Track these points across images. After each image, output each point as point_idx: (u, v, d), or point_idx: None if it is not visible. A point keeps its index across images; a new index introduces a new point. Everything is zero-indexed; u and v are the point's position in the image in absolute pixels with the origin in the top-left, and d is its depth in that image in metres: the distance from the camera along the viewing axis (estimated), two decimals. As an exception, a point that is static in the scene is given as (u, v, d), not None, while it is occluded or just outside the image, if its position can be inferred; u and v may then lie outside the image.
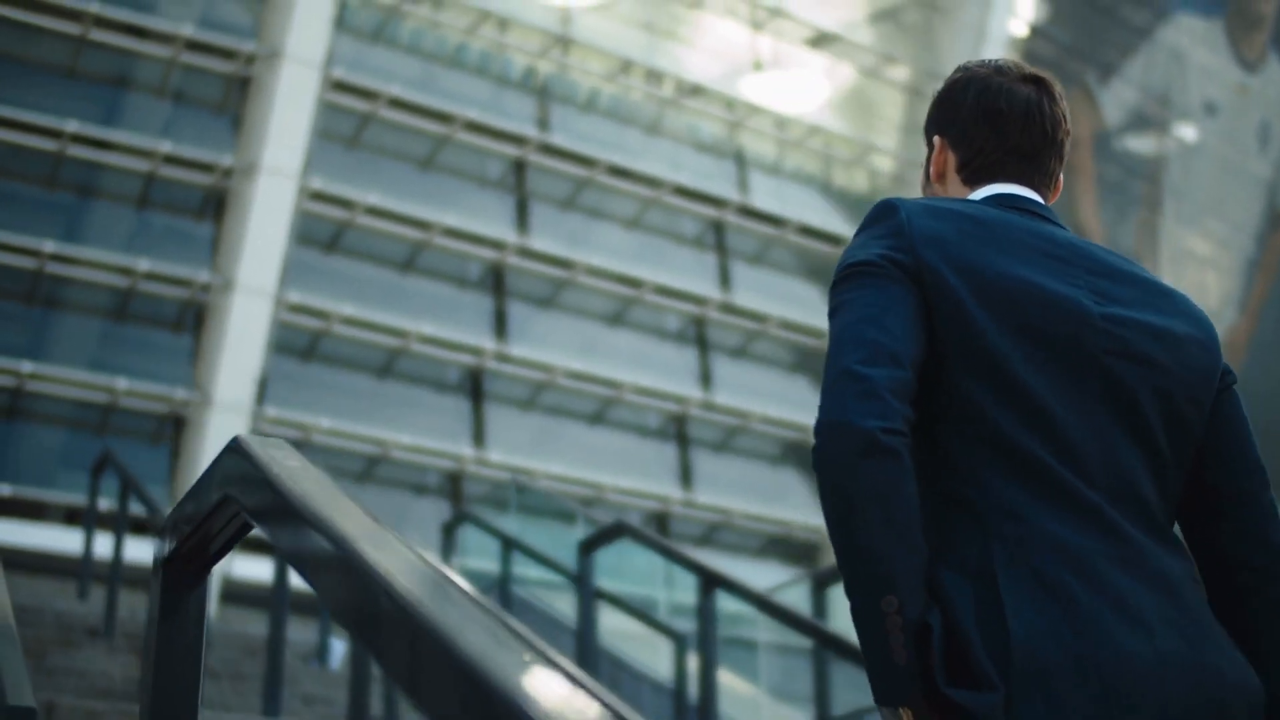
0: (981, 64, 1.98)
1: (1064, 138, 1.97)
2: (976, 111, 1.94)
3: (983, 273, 1.74)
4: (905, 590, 1.59)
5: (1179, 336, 1.80)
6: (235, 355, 16.48)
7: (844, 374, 1.65)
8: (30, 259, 16.07)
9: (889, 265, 1.73)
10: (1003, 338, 1.71)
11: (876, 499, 1.60)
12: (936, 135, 1.99)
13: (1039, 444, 1.69)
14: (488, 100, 18.73)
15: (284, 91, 16.80)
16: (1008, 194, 1.90)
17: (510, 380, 18.44)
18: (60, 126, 16.16)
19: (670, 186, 19.46)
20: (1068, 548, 1.65)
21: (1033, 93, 1.95)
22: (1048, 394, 1.71)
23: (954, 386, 1.71)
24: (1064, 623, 1.60)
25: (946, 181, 1.97)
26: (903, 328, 1.70)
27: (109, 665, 7.96)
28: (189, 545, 1.59)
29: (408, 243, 18.02)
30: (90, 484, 9.52)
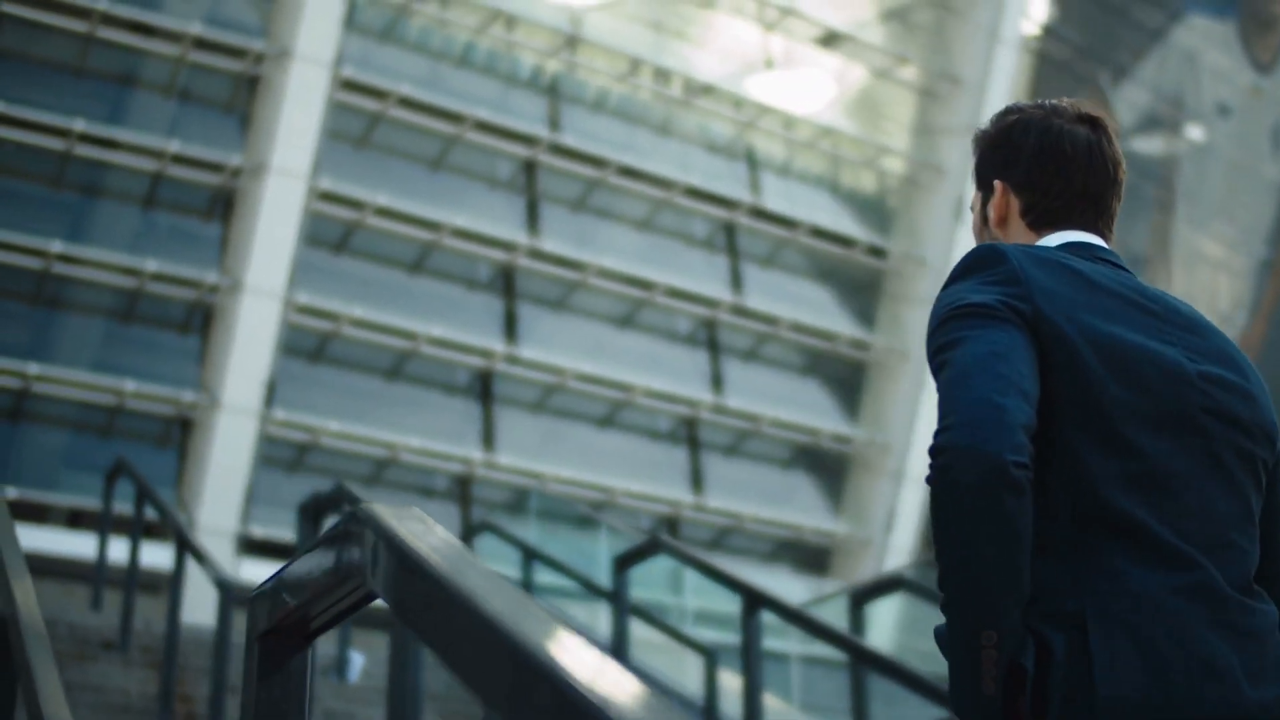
0: (1036, 105, 2.01)
1: (1123, 178, 2.00)
2: (1039, 155, 1.94)
3: (1098, 331, 1.75)
4: (1006, 628, 1.60)
5: (1254, 395, 1.83)
6: (243, 357, 16.31)
7: (982, 401, 1.62)
8: (36, 259, 15.91)
9: (1008, 311, 1.73)
10: (1117, 394, 1.72)
11: (998, 533, 1.59)
12: (996, 179, 1.99)
13: (1140, 502, 1.70)
14: (497, 100, 18.57)
15: (293, 91, 16.63)
16: (1084, 242, 1.91)
17: (520, 383, 18.28)
18: (67, 125, 15.99)
19: (681, 188, 19.30)
20: (1162, 606, 1.65)
21: (1091, 133, 1.97)
22: (1154, 452, 1.72)
23: (1061, 437, 1.71)
24: (1155, 688, 1.61)
25: (1009, 227, 1.98)
26: (1029, 369, 1.69)
27: (125, 680, 7.79)
28: (293, 617, 1.42)
29: (417, 244, 17.85)
30: (104, 491, 9.35)
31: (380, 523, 1.23)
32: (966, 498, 1.59)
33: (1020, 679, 1.62)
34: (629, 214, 19.48)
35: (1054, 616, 1.66)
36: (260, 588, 1.48)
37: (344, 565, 1.30)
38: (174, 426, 16.60)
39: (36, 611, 3.28)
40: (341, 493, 5.76)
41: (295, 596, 1.39)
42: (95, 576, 9.52)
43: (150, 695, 7.43)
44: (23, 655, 3.02)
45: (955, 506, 1.60)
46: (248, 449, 16.31)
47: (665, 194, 19.32)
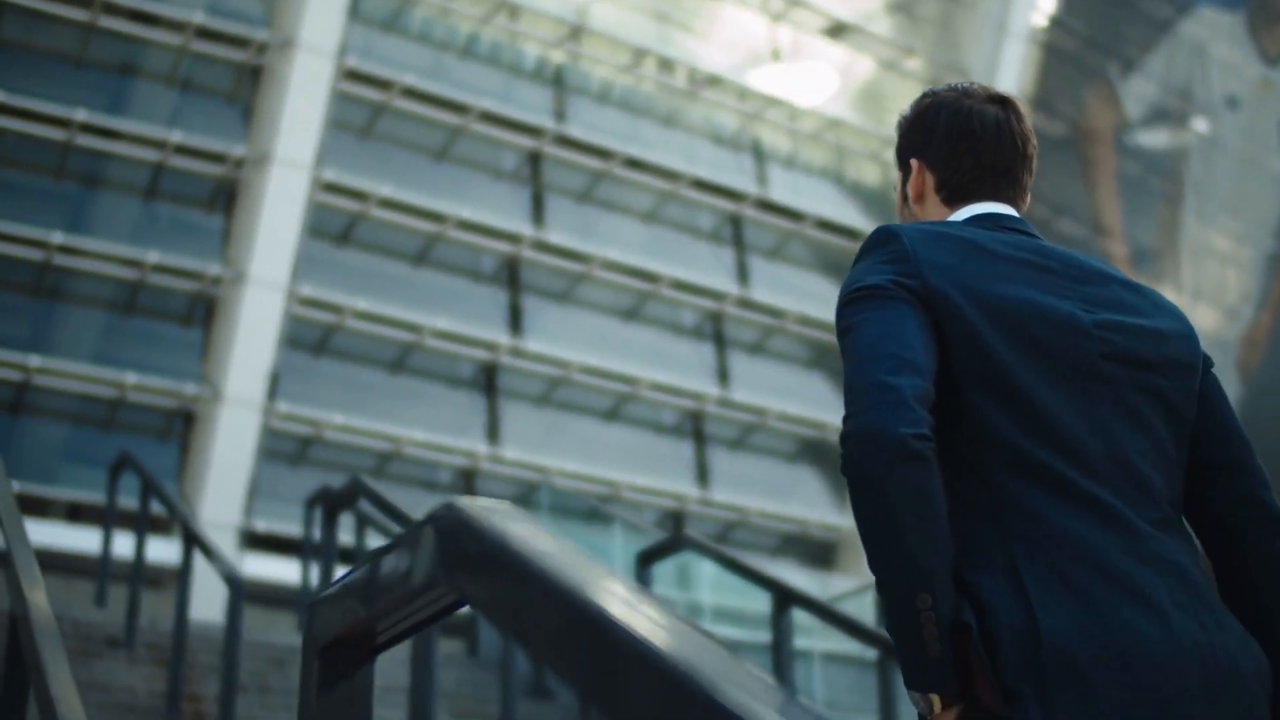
0: (948, 88, 2.13)
1: (1032, 152, 2.11)
2: (950, 133, 2.06)
3: (987, 294, 1.85)
4: (938, 589, 1.69)
5: (1164, 333, 1.94)
6: (246, 349, 16.15)
7: (873, 384, 1.73)
8: (37, 250, 15.74)
9: (899, 289, 1.83)
10: (1010, 354, 1.83)
11: (911, 503, 1.69)
12: (913, 159, 2.10)
13: (1049, 450, 1.81)
14: (502, 91, 18.41)
15: (297, 81, 16.46)
16: (990, 213, 2.02)
17: (525, 376, 18.13)
18: (68, 115, 15.82)
19: (687, 179, 19.14)
20: (1084, 544, 1.75)
21: (1000, 112, 2.09)
22: (1053, 403, 1.83)
23: (967, 402, 1.82)
24: (1087, 616, 1.70)
25: (925, 203, 2.10)
26: (920, 343, 1.79)
27: (131, 678, 7.65)
28: (361, 628, 1.27)
29: (421, 235, 17.70)
30: (108, 485, 9.20)
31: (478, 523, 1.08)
32: (875, 477, 1.69)
33: (965, 635, 1.71)
34: (634, 206, 19.32)
35: (985, 568, 1.76)
36: (322, 594, 1.32)
37: (427, 571, 1.14)
38: (176, 419, 16.45)
39: (48, 610, 3.14)
40: (358, 487, 5.61)
41: (364, 604, 1.23)
42: (99, 572, 9.36)
43: (157, 694, 7.28)
44: (34, 654, 2.88)
45: (867, 488, 1.70)
46: (250, 442, 16.15)
47: (671, 186, 19.17)
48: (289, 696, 7.86)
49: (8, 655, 3.24)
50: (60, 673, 2.80)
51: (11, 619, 3.21)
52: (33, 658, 2.93)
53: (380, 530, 8.39)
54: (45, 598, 3.17)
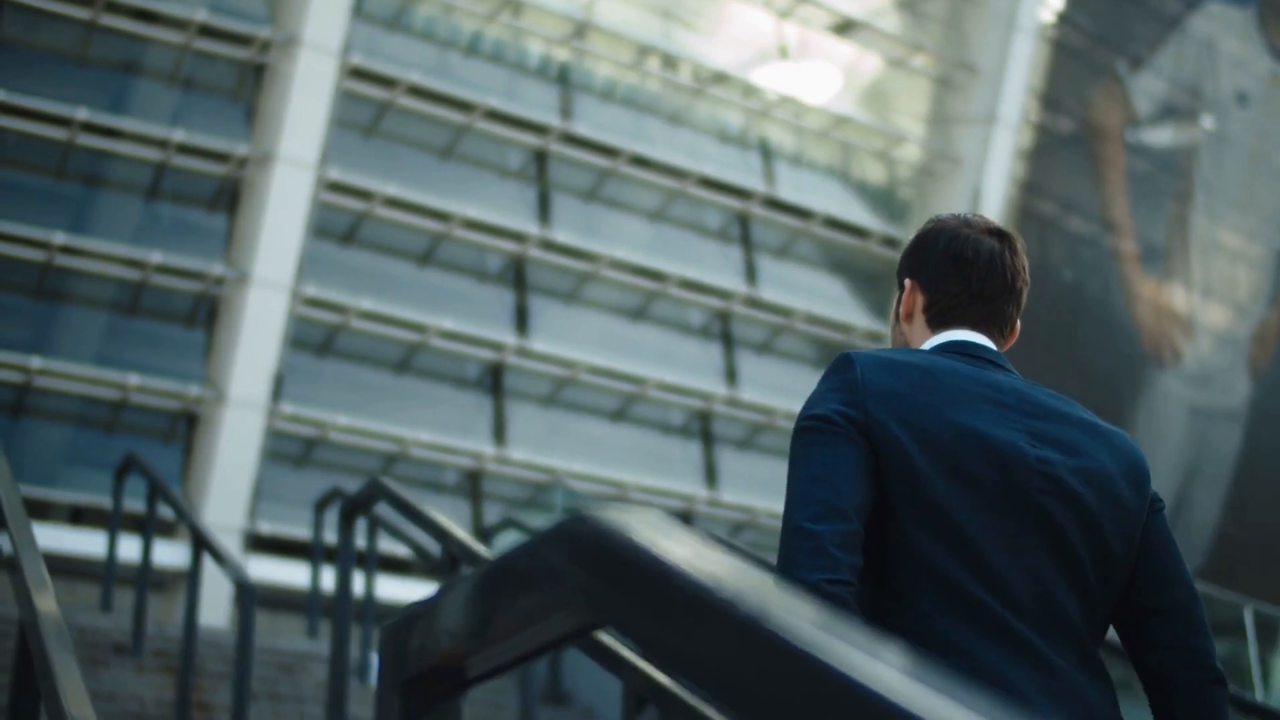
0: (953, 216, 2.22)
1: (1022, 286, 2.19)
2: (945, 259, 2.15)
3: (928, 424, 1.93)
4: None
5: (1110, 475, 2.00)
6: (250, 350, 15.98)
7: (795, 531, 1.83)
8: (38, 251, 15.57)
9: (842, 421, 1.92)
10: (944, 485, 1.89)
11: None
12: (908, 278, 2.21)
13: (977, 584, 1.87)
14: (508, 89, 18.23)
15: (301, 79, 16.28)
16: (963, 341, 2.12)
17: (531, 376, 17.95)
18: (69, 114, 15.65)
19: (695, 177, 18.96)
20: (1004, 681, 1.81)
21: (996, 244, 2.17)
22: (985, 538, 1.89)
23: (901, 532, 1.88)
24: None
25: (914, 322, 2.20)
26: (850, 483, 1.86)
27: (139, 686, 7.47)
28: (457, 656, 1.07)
29: (427, 235, 17.52)
30: (114, 487, 9.03)
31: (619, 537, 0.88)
32: None
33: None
34: (641, 204, 19.14)
35: None
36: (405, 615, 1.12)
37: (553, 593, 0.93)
38: (179, 421, 16.27)
39: (59, 617, 2.96)
40: (377, 489, 5.42)
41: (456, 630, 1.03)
42: (103, 576, 9.19)
43: (166, 702, 7.11)
44: (45, 663, 2.70)
45: None
46: (255, 444, 15.97)
47: (679, 184, 18.99)
48: (300, 704, 7.68)
49: (17, 663, 3.07)
50: (73, 683, 2.62)
51: (20, 626, 3.03)
52: (43, 666, 2.75)
53: (394, 534, 8.21)
54: (55, 604, 3.00)
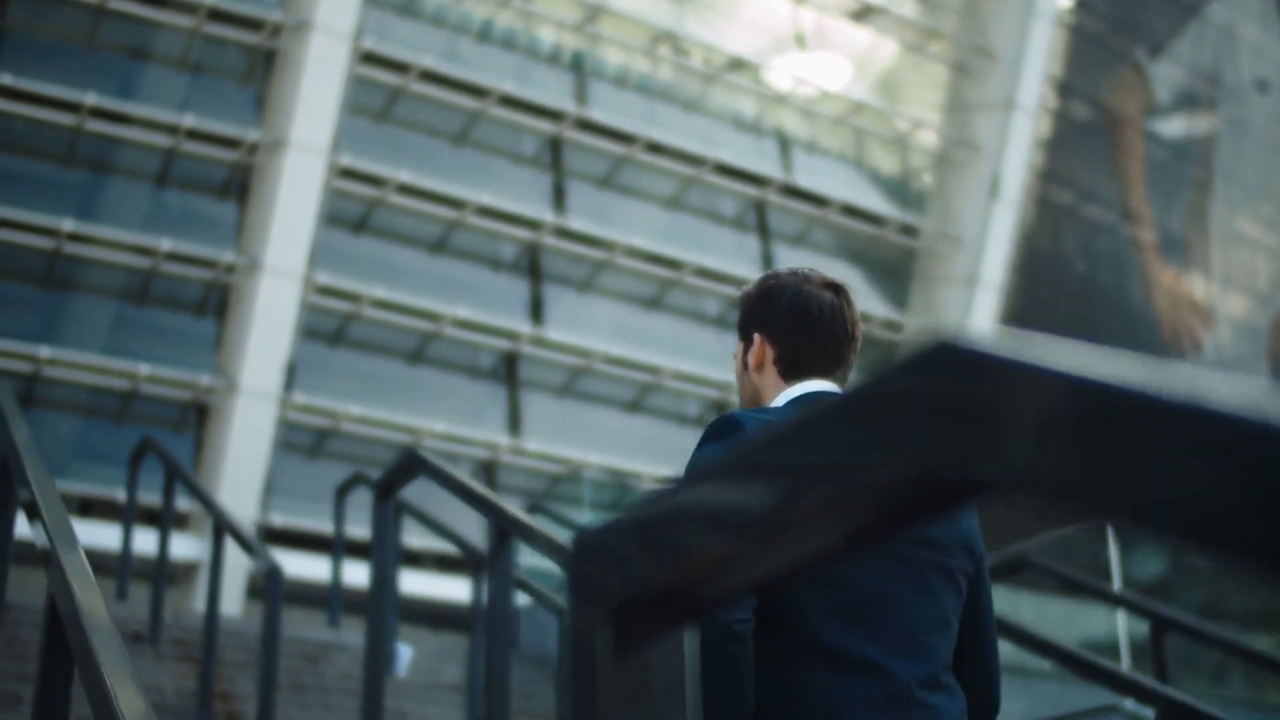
0: (790, 272, 2.41)
1: (858, 335, 2.40)
2: (791, 313, 2.33)
3: None
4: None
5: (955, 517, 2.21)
6: (262, 339, 15.74)
7: None
8: (47, 238, 15.33)
9: None
10: None
11: (725, 670, 2.05)
12: (755, 332, 2.38)
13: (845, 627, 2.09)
14: (522, 74, 17.97)
15: (312, 63, 16.03)
16: (820, 393, 2.31)
17: (546, 365, 17.70)
18: (78, 99, 15.41)
19: (711, 164, 18.70)
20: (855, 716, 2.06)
21: (834, 297, 2.37)
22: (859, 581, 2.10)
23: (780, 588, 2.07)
24: None
25: (764, 372, 2.36)
26: None
27: (158, 676, 7.23)
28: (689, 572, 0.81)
29: (440, 222, 17.27)
30: (129, 473, 8.79)
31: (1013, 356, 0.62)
32: (708, 651, 2.02)
33: None
34: (657, 191, 18.89)
35: None
36: (615, 521, 0.84)
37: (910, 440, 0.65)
38: (190, 411, 16.04)
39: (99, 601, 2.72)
40: (415, 462, 5.16)
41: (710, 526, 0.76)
42: (119, 565, 8.96)
43: (186, 692, 6.88)
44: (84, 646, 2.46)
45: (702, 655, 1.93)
46: (267, 434, 15.74)
47: (694, 171, 18.74)
48: (324, 694, 7.46)
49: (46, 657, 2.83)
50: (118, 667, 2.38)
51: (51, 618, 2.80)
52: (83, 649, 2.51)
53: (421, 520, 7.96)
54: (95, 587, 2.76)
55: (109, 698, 2.22)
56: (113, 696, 2.23)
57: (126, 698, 2.28)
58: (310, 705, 7.18)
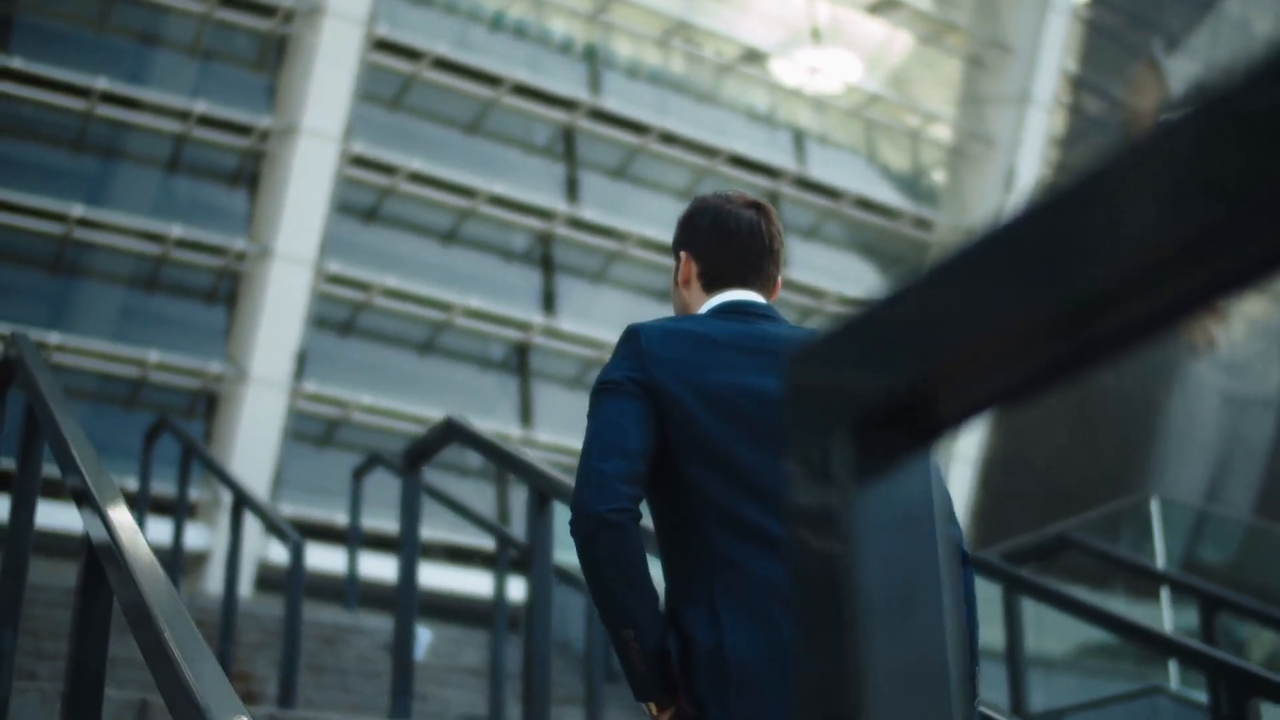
0: (715, 195, 2.58)
1: (779, 248, 2.53)
2: (712, 231, 2.49)
3: (703, 382, 2.27)
4: (641, 624, 2.18)
5: None
6: (273, 327, 15.60)
7: (586, 469, 2.20)
8: (56, 224, 15.20)
9: (629, 383, 2.26)
10: (718, 429, 2.23)
11: (611, 561, 2.16)
12: (682, 250, 2.53)
13: (748, 506, 2.21)
14: (535, 63, 17.83)
15: (325, 49, 15.89)
16: (734, 301, 2.44)
17: (558, 356, 17.56)
18: (89, 84, 15.27)
19: (725, 155, 18.56)
20: (771, 581, 2.16)
21: (754, 215, 2.51)
22: (755, 466, 2.22)
23: (684, 471, 2.23)
24: (766, 638, 2.14)
25: (691, 287, 2.50)
26: (635, 429, 2.22)
27: (174, 655, 7.06)
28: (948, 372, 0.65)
29: (452, 211, 17.13)
30: (143, 453, 8.65)
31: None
32: (584, 543, 2.16)
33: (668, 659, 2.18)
34: (670, 182, 18.75)
35: (693, 603, 2.20)
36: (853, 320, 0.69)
37: None
38: (200, 400, 15.90)
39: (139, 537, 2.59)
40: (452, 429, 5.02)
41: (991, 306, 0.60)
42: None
43: (203, 672, 6.72)
44: (129, 582, 2.32)
45: (581, 550, 2.17)
46: (277, 423, 15.61)
47: (708, 162, 18.59)
48: (342, 676, 7.33)
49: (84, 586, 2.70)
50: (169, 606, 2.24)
51: (87, 547, 2.67)
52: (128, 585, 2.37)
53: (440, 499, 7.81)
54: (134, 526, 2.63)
55: (158, 628, 2.08)
56: (161, 626, 2.09)
57: (176, 625, 2.14)
58: (328, 686, 7.05)
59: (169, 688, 1.96)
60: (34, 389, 3.76)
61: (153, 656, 2.07)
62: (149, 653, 2.11)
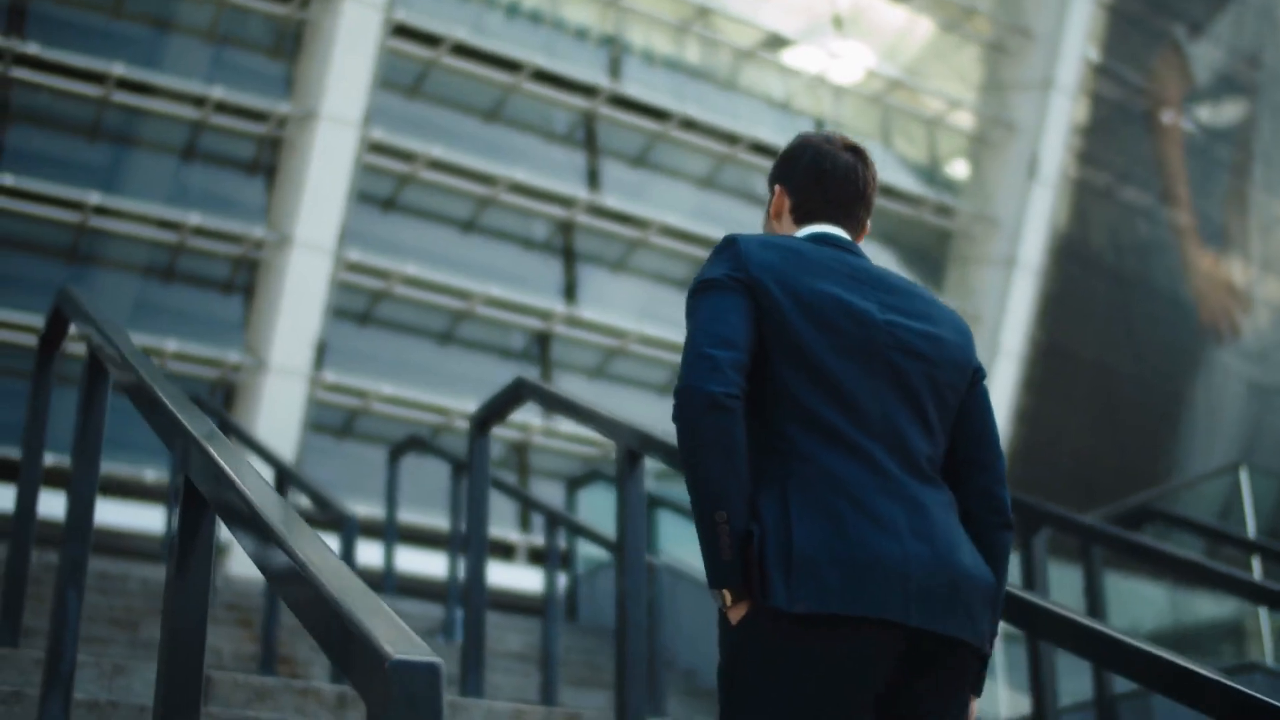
0: (817, 134, 2.69)
1: (871, 194, 2.67)
2: (809, 170, 2.64)
3: (798, 288, 2.44)
4: (732, 507, 2.29)
5: (944, 339, 2.52)
6: (292, 316, 15.39)
7: (697, 354, 2.35)
8: (73, 212, 15.00)
9: (730, 281, 2.44)
10: (811, 332, 2.41)
11: (716, 442, 2.29)
12: (777, 184, 2.68)
13: (832, 410, 2.38)
14: (555, 49, 17.61)
15: (344, 34, 15.68)
16: (824, 233, 2.60)
17: (579, 346, 17.35)
18: (104, 70, 15.07)
19: (747, 142, 18.35)
20: (844, 481, 2.34)
21: (851, 159, 2.65)
22: (842, 373, 2.40)
23: (773, 369, 2.40)
24: (833, 533, 2.28)
25: (782, 220, 2.66)
26: (739, 323, 2.40)
27: (215, 639, 6.88)
28: None
29: (472, 199, 16.92)
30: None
31: None
32: (692, 421, 2.29)
33: (747, 542, 2.27)
34: (691, 170, 18.53)
35: (768, 495, 2.31)
36: None
37: None
38: (218, 390, 15.69)
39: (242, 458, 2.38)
40: (525, 388, 4.79)
41: None
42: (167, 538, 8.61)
43: (246, 656, 6.53)
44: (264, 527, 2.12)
45: (686, 429, 2.30)
46: (296, 414, 15.39)
47: (729, 149, 18.38)
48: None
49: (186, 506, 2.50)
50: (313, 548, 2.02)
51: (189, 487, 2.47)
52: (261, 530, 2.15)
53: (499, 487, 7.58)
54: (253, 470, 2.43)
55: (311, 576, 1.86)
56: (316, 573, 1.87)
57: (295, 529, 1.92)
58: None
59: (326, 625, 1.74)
60: (99, 331, 3.55)
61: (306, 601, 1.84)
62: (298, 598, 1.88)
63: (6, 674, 4.01)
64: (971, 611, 2.32)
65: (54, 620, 3.44)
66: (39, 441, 4.48)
